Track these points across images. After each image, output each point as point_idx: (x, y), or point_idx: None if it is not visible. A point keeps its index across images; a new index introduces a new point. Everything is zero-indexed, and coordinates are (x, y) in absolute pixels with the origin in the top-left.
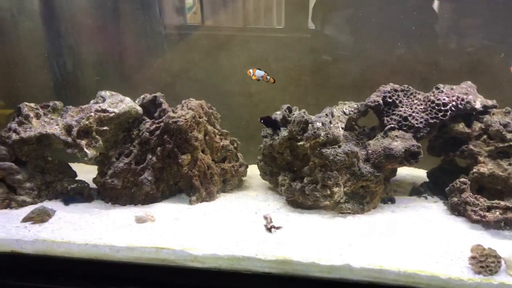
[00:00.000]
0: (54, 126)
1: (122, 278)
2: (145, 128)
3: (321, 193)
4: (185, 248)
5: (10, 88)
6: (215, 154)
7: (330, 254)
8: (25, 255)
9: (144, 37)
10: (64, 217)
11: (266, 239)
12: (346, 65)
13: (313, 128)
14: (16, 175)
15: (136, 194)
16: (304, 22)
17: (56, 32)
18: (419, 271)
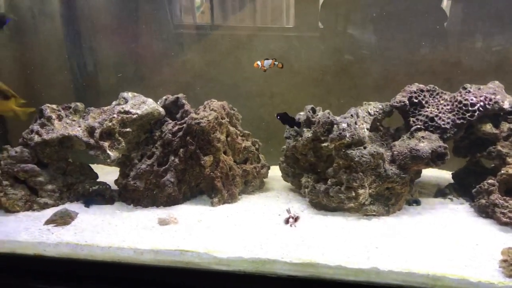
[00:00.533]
0: (76, 128)
1: (146, 281)
2: (167, 129)
3: (346, 195)
4: (210, 250)
5: (30, 89)
6: (237, 156)
7: (357, 257)
8: (48, 258)
9: (163, 38)
10: (86, 220)
11: (291, 241)
12: (369, 65)
13: (338, 129)
14: (38, 177)
15: (158, 196)
16: (326, 21)
17: (76, 33)
18: (448, 274)
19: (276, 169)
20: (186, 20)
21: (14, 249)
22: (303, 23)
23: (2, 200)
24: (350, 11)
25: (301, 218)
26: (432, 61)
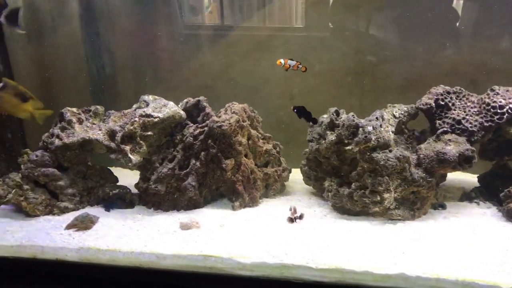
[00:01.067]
0: (97, 132)
1: (168, 286)
2: (189, 132)
3: (371, 199)
4: (233, 256)
5: (49, 91)
6: (258, 159)
7: (383, 262)
8: (70, 263)
9: (180, 39)
10: (107, 224)
11: (316, 246)
12: (391, 66)
13: (363, 132)
14: (58, 181)
15: (179, 200)
16: (349, 22)
17: (95, 35)
18: (478, 280)
19: (296, 172)
20: (203, 22)
21: (35, 254)
22: (324, 24)
23: (23, 204)
24: (372, 12)
25: (324, 223)
26: (457, 62)
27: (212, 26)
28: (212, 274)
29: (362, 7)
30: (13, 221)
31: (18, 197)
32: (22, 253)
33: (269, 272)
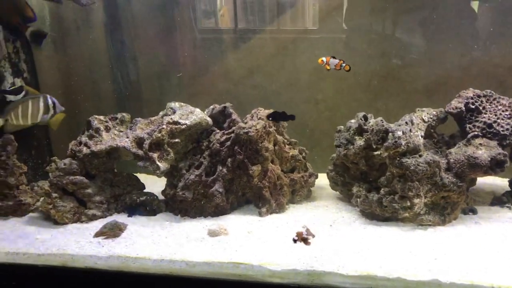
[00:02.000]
0: (124, 139)
1: None
2: (215, 139)
3: (400, 204)
4: (263, 263)
5: (74, 99)
6: (284, 165)
7: (416, 269)
8: (99, 271)
9: (202, 46)
10: (136, 231)
11: (346, 253)
12: (418, 70)
13: (393, 137)
14: (86, 189)
15: (206, 206)
16: (374, 25)
17: (120, 43)
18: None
19: (322, 177)
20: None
21: (65, 262)
22: (350, 26)
23: (51, 212)
24: (398, 15)
25: (354, 229)
26: (485, 64)
27: (233, 30)
28: (242, 281)
29: (388, 10)
30: (42, 229)
31: (47, 205)
32: (52, 262)
33: (300, 279)
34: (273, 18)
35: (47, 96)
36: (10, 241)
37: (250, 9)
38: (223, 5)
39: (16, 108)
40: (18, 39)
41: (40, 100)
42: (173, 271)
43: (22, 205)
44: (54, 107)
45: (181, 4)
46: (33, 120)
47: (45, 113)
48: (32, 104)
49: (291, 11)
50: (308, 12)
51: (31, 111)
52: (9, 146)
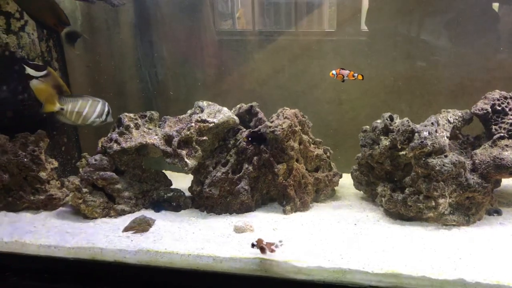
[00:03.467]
0: (154, 136)
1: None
2: (242, 137)
3: (425, 204)
4: (289, 260)
5: (103, 97)
6: (309, 164)
7: (441, 268)
8: (128, 265)
9: (227, 46)
10: (163, 226)
11: (371, 251)
12: (442, 71)
13: (419, 137)
14: (116, 185)
15: (231, 203)
16: (399, 27)
17: (148, 43)
18: None
19: (345, 177)
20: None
21: (95, 255)
22: (374, 28)
23: (81, 207)
24: (423, 17)
25: (378, 228)
26: (510, 66)
27: (258, 32)
28: (268, 277)
29: (414, 12)
30: (72, 223)
31: (77, 199)
32: (82, 255)
33: (325, 276)
34: (297, 20)
35: (106, 103)
36: (41, 234)
37: (273, 11)
38: (239, 7)
39: (75, 101)
40: (50, 39)
41: (99, 104)
42: (200, 266)
43: (53, 199)
44: (107, 115)
45: (206, 6)
46: (83, 121)
47: (97, 117)
48: (91, 104)
49: (315, 13)
50: (331, 14)
51: (87, 110)
52: (41, 142)
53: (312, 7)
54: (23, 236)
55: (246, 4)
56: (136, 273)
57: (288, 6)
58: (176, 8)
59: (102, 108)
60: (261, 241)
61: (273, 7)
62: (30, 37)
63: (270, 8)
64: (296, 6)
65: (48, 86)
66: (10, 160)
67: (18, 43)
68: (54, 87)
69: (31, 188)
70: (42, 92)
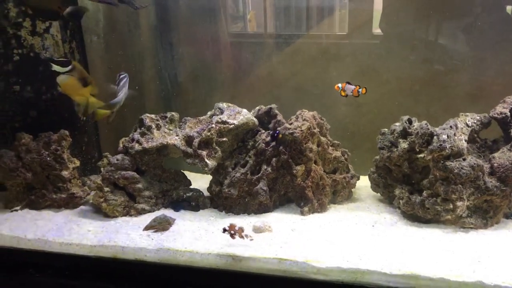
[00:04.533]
0: (174, 137)
1: None
2: (261, 139)
3: (443, 206)
4: (308, 260)
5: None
6: (327, 165)
7: (459, 270)
8: (148, 263)
9: (247, 48)
10: (183, 226)
11: (389, 252)
12: (460, 75)
13: (438, 140)
14: (137, 184)
15: (250, 204)
16: (418, 31)
17: (169, 44)
18: None
19: (362, 179)
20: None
21: (116, 253)
22: (392, 32)
23: (102, 205)
24: (442, 21)
25: (396, 230)
26: None
27: (274, 35)
28: (286, 277)
29: (432, 16)
30: (93, 221)
31: (99, 198)
32: (104, 253)
33: (344, 277)
34: (313, 23)
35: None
36: (64, 232)
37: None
38: (250, 9)
39: (120, 98)
40: (73, 40)
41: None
42: (219, 265)
43: (74, 198)
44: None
45: (221, 9)
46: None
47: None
48: (125, 92)
49: (333, 16)
50: (343, 17)
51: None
52: (64, 141)
53: (328, 10)
54: (46, 233)
55: (257, 7)
56: (156, 272)
57: (303, 9)
58: (195, 11)
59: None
60: (233, 227)
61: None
62: (54, 38)
63: (286, 10)
64: (312, 10)
65: (74, 80)
66: (33, 159)
67: (42, 45)
68: (80, 80)
69: (53, 187)
70: (69, 87)
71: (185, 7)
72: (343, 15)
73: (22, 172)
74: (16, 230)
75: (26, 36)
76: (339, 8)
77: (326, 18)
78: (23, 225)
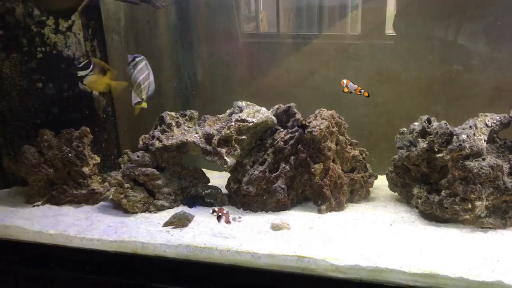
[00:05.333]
0: (194, 135)
1: (262, 286)
2: (279, 137)
3: (461, 206)
4: (327, 257)
5: None
6: (345, 164)
7: (478, 270)
8: (167, 259)
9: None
10: (202, 222)
11: (408, 251)
12: (479, 76)
13: (458, 140)
14: (156, 181)
15: (267, 201)
16: (437, 31)
17: (189, 44)
18: None
19: (379, 178)
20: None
21: (136, 249)
22: (410, 32)
23: (122, 201)
24: (461, 21)
25: (414, 229)
26: None
27: (291, 35)
28: (304, 274)
29: (452, 16)
30: (113, 217)
31: (119, 194)
32: (124, 248)
33: (362, 275)
34: (329, 23)
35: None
36: (84, 228)
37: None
38: (261, 10)
39: (145, 85)
40: (95, 39)
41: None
42: (238, 261)
43: (95, 193)
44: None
45: (237, 9)
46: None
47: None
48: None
49: (352, 16)
50: (367, 17)
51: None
52: (85, 138)
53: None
54: (67, 229)
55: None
56: (175, 268)
57: (321, 9)
58: (214, 10)
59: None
60: (221, 210)
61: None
62: (76, 36)
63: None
64: (329, 10)
65: (97, 76)
66: (55, 155)
67: (65, 43)
68: (102, 72)
69: (74, 183)
70: (95, 84)
71: (205, 6)
72: (355, 15)
73: (44, 168)
74: (38, 225)
75: (49, 34)
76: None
77: (341, 19)
78: (45, 220)
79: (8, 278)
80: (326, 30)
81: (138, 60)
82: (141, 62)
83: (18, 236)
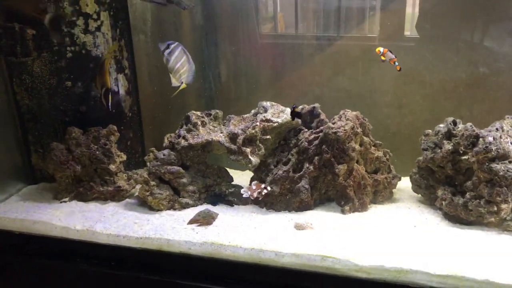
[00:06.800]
0: (219, 134)
1: (286, 284)
2: (304, 137)
3: (486, 209)
4: (351, 258)
5: (167, 95)
6: (369, 165)
7: (505, 273)
8: (191, 256)
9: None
10: (226, 220)
11: (432, 252)
12: (505, 78)
13: (484, 142)
14: (181, 179)
15: (291, 201)
16: (463, 33)
17: (214, 44)
18: None
19: (403, 180)
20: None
21: (161, 246)
22: (436, 34)
23: (148, 199)
24: (488, 24)
25: (438, 231)
26: None
27: (315, 36)
28: (328, 274)
29: (478, 19)
30: (139, 214)
31: (144, 192)
32: (149, 245)
33: (386, 275)
34: (355, 24)
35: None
36: (111, 224)
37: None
38: (279, 11)
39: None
40: (122, 39)
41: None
42: (262, 260)
43: (121, 191)
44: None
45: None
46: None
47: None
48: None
49: (377, 17)
50: (394, 19)
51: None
52: (112, 136)
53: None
54: (94, 225)
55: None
56: (199, 265)
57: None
58: (238, 11)
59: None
60: (259, 185)
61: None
62: (105, 36)
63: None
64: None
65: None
66: (83, 153)
67: (94, 42)
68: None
69: (101, 180)
70: None
71: (231, 7)
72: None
73: (72, 165)
74: (66, 221)
75: (79, 34)
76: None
77: (360, 21)
78: (72, 216)
79: (35, 272)
80: (348, 32)
81: (173, 47)
82: (176, 48)
83: (46, 232)
